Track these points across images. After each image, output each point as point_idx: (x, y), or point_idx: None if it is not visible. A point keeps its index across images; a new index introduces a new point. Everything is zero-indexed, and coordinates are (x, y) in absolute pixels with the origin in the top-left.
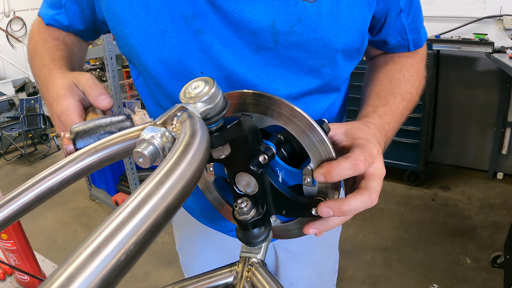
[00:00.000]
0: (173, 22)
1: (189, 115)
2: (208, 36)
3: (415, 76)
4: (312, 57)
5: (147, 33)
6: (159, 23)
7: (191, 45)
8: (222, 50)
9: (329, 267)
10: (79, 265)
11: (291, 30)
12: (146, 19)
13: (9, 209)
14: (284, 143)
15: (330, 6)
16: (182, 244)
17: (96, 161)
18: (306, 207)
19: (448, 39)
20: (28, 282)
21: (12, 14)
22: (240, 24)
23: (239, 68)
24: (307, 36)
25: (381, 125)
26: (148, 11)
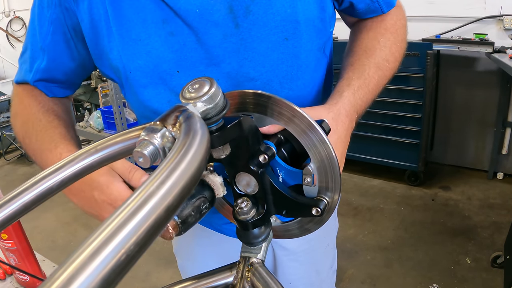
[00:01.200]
0: (145, 29)
1: (189, 115)
2: (179, 37)
3: (391, 41)
4: (274, 32)
5: (121, 44)
6: (133, 33)
7: (165, 49)
8: (194, 48)
9: (327, 266)
10: (79, 265)
11: (247, 11)
12: (119, 33)
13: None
14: (284, 143)
15: None
16: (179, 246)
17: (96, 161)
18: (306, 207)
19: (448, 39)
20: (28, 282)
21: (12, 14)
22: (203, 18)
23: (212, 61)
24: (263, 13)
25: (353, 103)
26: (120, 24)
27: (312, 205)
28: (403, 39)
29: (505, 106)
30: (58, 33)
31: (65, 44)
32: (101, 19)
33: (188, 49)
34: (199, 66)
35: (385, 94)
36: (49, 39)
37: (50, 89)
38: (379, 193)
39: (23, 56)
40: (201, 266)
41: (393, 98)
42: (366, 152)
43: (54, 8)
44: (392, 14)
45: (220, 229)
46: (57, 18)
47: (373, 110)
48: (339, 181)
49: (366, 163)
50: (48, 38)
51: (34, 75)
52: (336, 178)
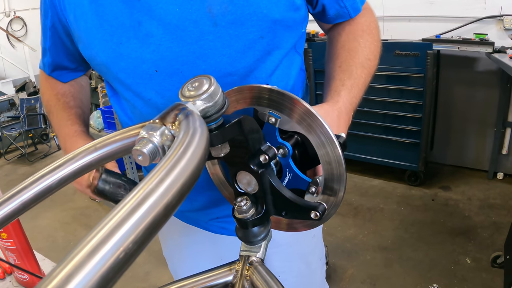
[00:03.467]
0: (125, 33)
1: (188, 113)
2: (156, 38)
3: (370, 41)
4: (250, 31)
5: (106, 50)
6: (114, 37)
7: (143, 49)
8: (170, 46)
9: (316, 258)
10: (77, 263)
11: (226, 11)
12: (104, 38)
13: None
14: (300, 145)
15: None
16: (169, 250)
17: (95, 159)
18: (306, 210)
19: (448, 39)
20: (28, 281)
21: (13, 14)
22: (182, 16)
23: (188, 57)
24: (241, 13)
25: (350, 101)
26: (104, 30)
27: (311, 209)
28: (378, 38)
29: (505, 106)
30: (56, 37)
31: (63, 47)
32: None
33: (164, 48)
34: (175, 64)
35: (385, 94)
36: (49, 43)
37: (62, 75)
38: (379, 193)
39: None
40: (192, 266)
41: (393, 98)
42: (366, 152)
43: (50, 17)
44: (365, 16)
45: (206, 227)
46: (53, 25)
47: (373, 110)
48: (341, 199)
49: (366, 163)
50: (48, 42)
51: (46, 68)
52: (340, 195)
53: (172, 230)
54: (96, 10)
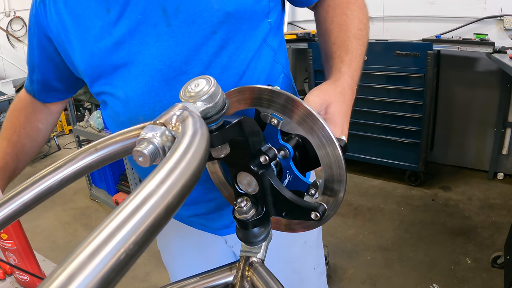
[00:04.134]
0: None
1: (189, 114)
2: (126, 45)
3: (357, 11)
4: (202, 27)
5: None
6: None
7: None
8: (138, 51)
9: (308, 266)
10: (79, 264)
11: (178, 10)
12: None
13: (9, 208)
14: (301, 147)
15: None
16: (161, 243)
17: (95, 160)
18: (306, 211)
19: (448, 39)
20: (28, 282)
21: (13, 13)
22: (145, 22)
23: (151, 59)
24: (192, 10)
25: (351, 76)
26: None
27: (311, 209)
28: (364, 5)
29: (505, 106)
30: (43, 55)
31: (52, 62)
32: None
33: (133, 53)
34: (142, 66)
35: (385, 94)
36: (37, 60)
37: (47, 96)
38: (379, 193)
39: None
40: (182, 264)
41: (393, 98)
42: (366, 152)
43: (37, 35)
44: None
45: (188, 222)
46: (40, 44)
47: (373, 110)
48: (341, 200)
49: (366, 163)
50: (37, 59)
51: (34, 85)
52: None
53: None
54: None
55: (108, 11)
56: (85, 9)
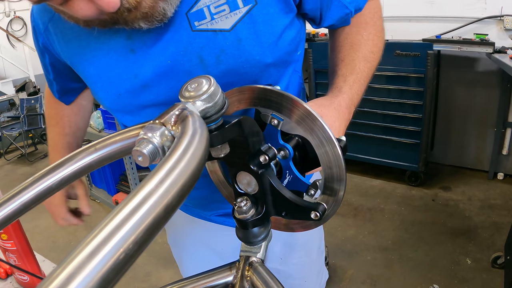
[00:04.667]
0: (122, 85)
1: (188, 113)
2: (153, 88)
3: (373, 34)
4: (244, 78)
5: (108, 98)
6: (113, 88)
7: (143, 98)
8: (168, 95)
9: (316, 247)
10: (78, 264)
11: (218, 61)
12: (104, 88)
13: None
14: (300, 147)
15: (248, 29)
16: (172, 236)
17: (95, 160)
18: (306, 210)
19: (448, 40)
20: (28, 282)
21: (13, 14)
22: (175, 69)
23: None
24: (233, 62)
25: (350, 97)
26: (102, 80)
27: (311, 209)
28: (382, 29)
29: (505, 106)
30: (57, 70)
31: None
32: (86, 75)
33: (162, 97)
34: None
35: (385, 94)
36: (52, 75)
37: (70, 98)
38: (380, 194)
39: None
40: (193, 254)
41: (393, 98)
42: (366, 152)
43: (48, 57)
44: (369, 8)
45: (209, 219)
46: (52, 63)
47: (373, 110)
48: (341, 199)
49: (367, 163)
50: (52, 74)
51: (56, 94)
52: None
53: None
54: (92, 60)
55: (133, 51)
56: (104, 44)
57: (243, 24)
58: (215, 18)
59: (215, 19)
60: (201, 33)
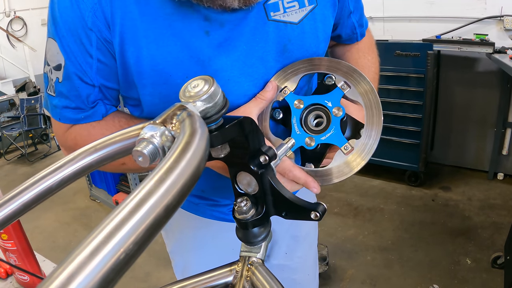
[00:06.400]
0: (192, 67)
1: (188, 114)
2: (225, 73)
3: (375, 58)
4: None
5: (169, 82)
6: (180, 72)
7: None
8: (238, 81)
9: (315, 238)
10: (78, 264)
11: (284, 49)
12: (165, 70)
13: (9, 208)
14: (344, 122)
15: (310, 24)
16: (177, 244)
17: (95, 160)
18: (306, 210)
19: (448, 40)
20: (29, 282)
21: (13, 14)
22: (249, 54)
23: (254, 91)
24: (296, 51)
25: None
26: (167, 62)
27: (311, 209)
28: (377, 54)
29: (505, 106)
30: (101, 62)
31: (112, 69)
32: (148, 57)
33: (232, 83)
34: (243, 97)
35: (385, 95)
36: (98, 81)
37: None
38: (379, 194)
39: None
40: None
41: (393, 99)
42: None
43: (96, 42)
44: (368, 37)
45: (223, 218)
46: (98, 48)
47: None
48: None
49: (366, 163)
50: (97, 79)
51: (99, 115)
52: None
53: (182, 224)
54: (158, 39)
55: (208, 33)
56: (175, 22)
57: (307, 20)
58: (287, 12)
59: (286, 12)
60: (274, 23)
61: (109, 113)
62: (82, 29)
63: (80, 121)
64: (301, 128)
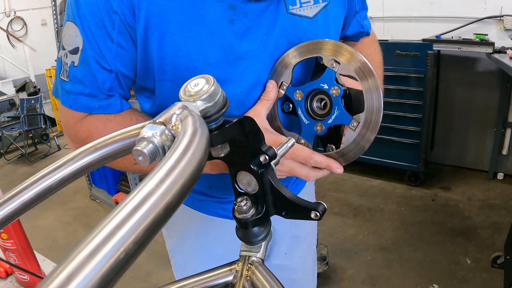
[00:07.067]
0: (214, 54)
1: (188, 113)
2: (244, 61)
3: (378, 48)
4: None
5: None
6: (201, 58)
7: (231, 71)
8: (255, 70)
9: (314, 237)
10: (78, 263)
11: (299, 41)
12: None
13: (9, 208)
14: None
15: (323, 20)
16: (180, 241)
17: (95, 159)
18: (306, 210)
19: (448, 40)
20: (28, 281)
21: (13, 14)
22: (267, 43)
23: (256, 78)
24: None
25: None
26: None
27: (311, 209)
28: (380, 49)
29: (505, 106)
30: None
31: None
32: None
33: (249, 71)
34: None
35: (385, 94)
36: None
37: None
38: (379, 194)
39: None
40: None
41: (393, 99)
42: (366, 152)
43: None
44: (372, 34)
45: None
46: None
47: None
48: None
49: (366, 163)
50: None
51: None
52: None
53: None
54: (182, 25)
55: (232, 21)
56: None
57: (320, 16)
58: (303, 6)
59: (302, 7)
60: (292, 16)
61: (125, 109)
62: (106, 12)
63: (92, 110)
64: (308, 117)
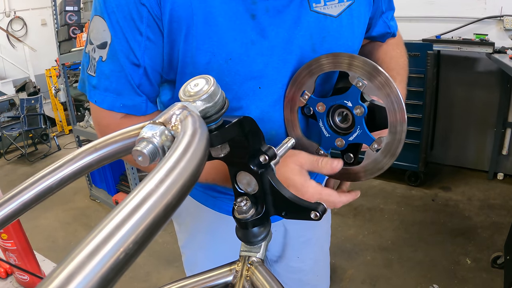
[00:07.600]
0: (236, 50)
1: (188, 113)
2: (265, 57)
3: (403, 51)
4: None
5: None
6: (223, 53)
7: (252, 67)
8: (276, 67)
9: (327, 240)
10: (78, 263)
11: (323, 40)
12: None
13: (9, 208)
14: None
15: (347, 19)
16: (189, 238)
17: (95, 159)
18: (305, 210)
19: (448, 40)
20: (28, 281)
21: (13, 14)
22: (289, 41)
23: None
24: (334, 43)
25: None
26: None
27: (311, 209)
28: (406, 51)
29: (505, 106)
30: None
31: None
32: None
33: (270, 68)
34: (278, 83)
35: None
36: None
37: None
38: (379, 194)
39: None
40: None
41: None
42: None
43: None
44: (398, 36)
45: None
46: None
47: None
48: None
49: None
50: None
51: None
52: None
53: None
54: (204, 18)
55: (254, 17)
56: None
57: (345, 14)
58: (327, 4)
59: (326, 5)
60: (315, 14)
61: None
62: (134, 4)
63: (115, 108)
64: (329, 129)
